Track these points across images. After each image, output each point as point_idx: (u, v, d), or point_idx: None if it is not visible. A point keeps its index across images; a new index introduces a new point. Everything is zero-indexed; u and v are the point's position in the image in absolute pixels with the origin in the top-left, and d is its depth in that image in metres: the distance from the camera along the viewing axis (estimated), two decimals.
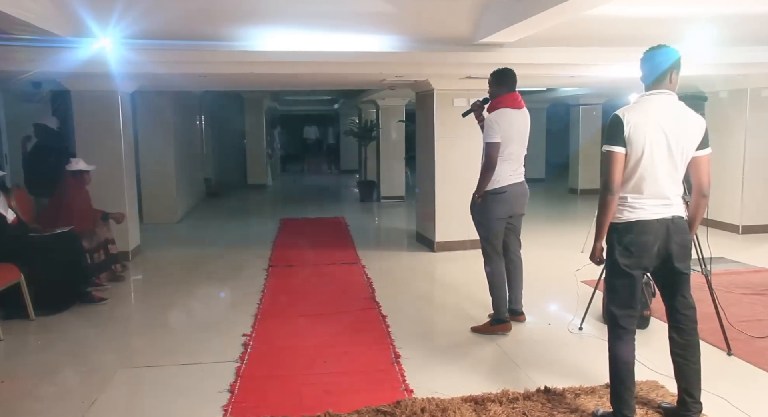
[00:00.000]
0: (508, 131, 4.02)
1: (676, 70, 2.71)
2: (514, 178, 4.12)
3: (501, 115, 4.05)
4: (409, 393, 3.25)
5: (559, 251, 6.72)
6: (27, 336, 4.34)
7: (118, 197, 6.40)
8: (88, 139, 6.33)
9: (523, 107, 4.16)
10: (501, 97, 4.11)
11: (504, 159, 4.05)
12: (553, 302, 4.94)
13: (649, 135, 2.63)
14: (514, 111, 4.09)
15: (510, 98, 4.10)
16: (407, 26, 4.73)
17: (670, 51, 2.71)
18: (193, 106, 11.17)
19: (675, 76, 2.71)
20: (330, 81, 8.19)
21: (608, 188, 2.67)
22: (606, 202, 2.70)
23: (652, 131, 2.64)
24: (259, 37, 4.77)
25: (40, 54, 4.62)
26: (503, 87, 4.13)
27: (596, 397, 3.12)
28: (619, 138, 2.65)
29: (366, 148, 12.12)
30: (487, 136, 4.04)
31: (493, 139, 4.00)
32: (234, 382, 3.40)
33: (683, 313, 2.81)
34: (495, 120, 4.03)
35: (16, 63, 5.00)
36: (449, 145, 6.76)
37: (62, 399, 3.26)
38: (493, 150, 4.01)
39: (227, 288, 5.56)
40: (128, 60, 4.79)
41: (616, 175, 2.66)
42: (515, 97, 4.12)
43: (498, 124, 4.01)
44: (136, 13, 3.92)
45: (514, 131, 4.05)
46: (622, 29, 4.58)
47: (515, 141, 4.07)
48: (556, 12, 3.37)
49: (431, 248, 6.95)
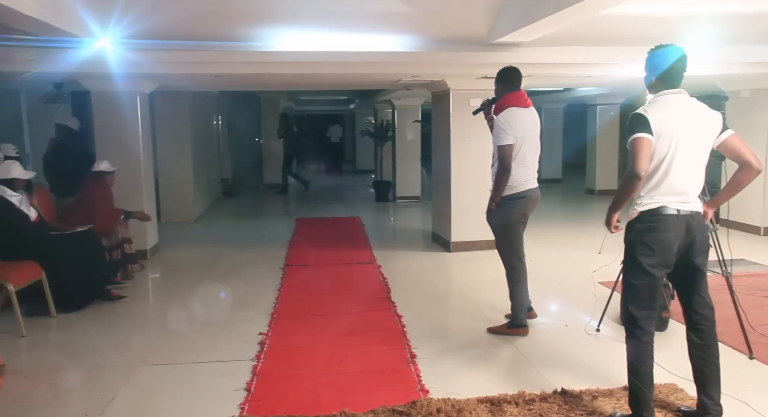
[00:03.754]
0: (519, 132, 3.92)
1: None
2: (530, 183, 4.03)
3: (510, 114, 3.94)
4: (424, 393, 3.25)
5: (576, 252, 6.67)
6: (48, 333, 4.41)
7: (136, 196, 6.48)
8: (108, 140, 6.41)
9: (530, 106, 4.06)
10: (507, 96, 4.02)
11: (518, 162, 3.94)
12: (570, 303, 4.91)
13: (675, 130, 2.62)
14: (523, 109, 3.99)
15: (516, 97, 4.01)
16: (423, 26, 4.72)
17: (680, 49, 2.72)
18: (210, 106, 11.26)
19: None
20: (346, 81, 8.21)
21: (635, 173, 2.59)
22: (631, 187, 2.63)
23: (676, 127, 2.63)
24: (275, 38, 4.80)
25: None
26: (509, 86, 4.05)
27: (614, 399, 3.10)
28: (647, 128, 2.61)
29: (382, 148, 12.13)
30: (499, 139, 3.92)
31: (506, 142, 3.88)
32: (250, 381, 3.42)
33: (700, 313, 2.78)
34: (505, 121, 3.91)
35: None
36: (465, 145, 6.74)
37: (82, 395, 3.31)
38: (507, 152, 3.89)
39: (243, 287, 5.59)
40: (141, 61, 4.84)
41: (644, 159, 2.60)
42: (521, 96, 4.03)
43: (510, 125, 3.89)
44: (144, 12, 3.94)
45: (525, 131, 3.96)
46: (639, 28, 4.53)
47: (527, 141, 3.98)
48: (574, 11, 3.35)
49: (447, 248, 6.94)
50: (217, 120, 12.18)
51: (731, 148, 2.72)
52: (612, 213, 2.81)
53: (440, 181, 7.29)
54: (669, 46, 2.74)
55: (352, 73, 6.17)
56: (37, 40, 4.04)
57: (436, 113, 7.54)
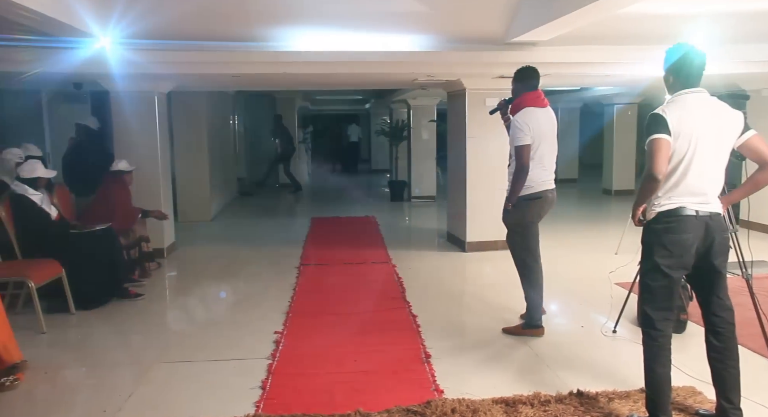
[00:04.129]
0: (536, 132, 3.89)
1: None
2: (547, 183, 4.01)
3: (527, 114, 3.92)
4: (439, 393, 3.24)
5: (592, 253, 6.61)
6: (68, 329, 4.47)
7: (154, 196, 6.54)
8: (126, 139, 6.49)
9: (547, 106, 4.04)
10: (524, 95, 4.00)
11: (536, 162, 3.91)
12: (586, 304, 4.86)
13: (694, 130, 2.59)
14: (540, 109, 3.97)
15: (533, 97, 3.99)
16: (439, 26, 4.71)
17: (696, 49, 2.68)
18: (226, 106, 11.35)
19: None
20: (362, 81, 8.22)
21: (653, 175, 2.57)
22: (650, 188, 2.61)
23: (695, 126, 2.60)
24: (291, 38, 4.82)
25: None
26: (526, 85, 4.03)
27: (631, 401, 3.07)
28: (665, 129, 2.58)
29: (397, 148, 12.13)
30: (516, 139, 3.89)
31: (524, 142, 3.86)
32: (265, 379, 3.44)
33: (720, 315, 2.74)
34: (523, 121, 3.89)
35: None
36: (481, 145, 6.72)
37: (101, 391, 3.36)
38: (525, 153, 3.86)
39: (259, 285, 5.63)
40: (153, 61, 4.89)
41: (662, 161, 2.57)
42: (538, 95, 4.01)
43: (527, 125, 3.86)
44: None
45: (542, 131, 3.93)
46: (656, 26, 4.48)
47: (544, 141, 3.95)
48: (590, 10, 3.32)
49: (462, 248, 6.92)
50: (234, 120, 12.27)
51: (753, 148, 2.68)
52: (636, 209, 2.77)
53: (455, 180, 7.27)
54: (687, 44, 2.71)
55: (368, 72, 6.18)
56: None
57: (452, 113, 7.53)
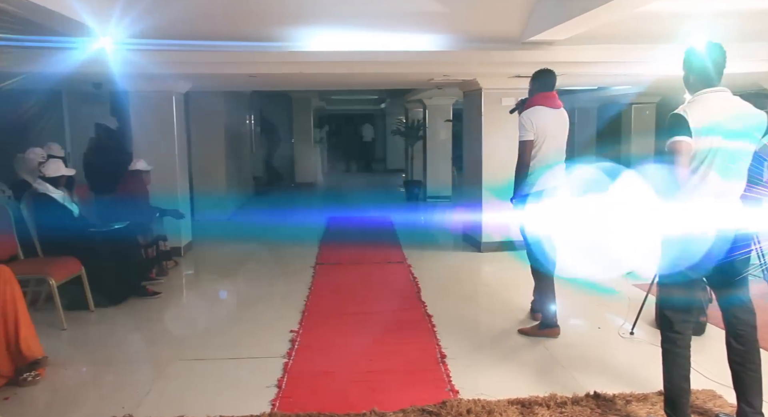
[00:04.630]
0: (541, 129, 4.01)
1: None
2: (551, 181, 4.06)
3: (533, 112, 4.05)
4: (454, 393, 3.24)
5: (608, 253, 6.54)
6: (87, 326, 4.54)
7: (171, 194, 6.61)
8: (145, 139, 6.56)
9: (560, 107, 4.15)
10: (537, 95, 4.13)
11: (539, 159, 4.04)
12: (603, 306, 4.82)
13: (716, 130, 2.55)
14: (549, 110, 4.07)
15: (545, 97, 4.10)
16: (456, 25, 4.70)
17: (718, 45, 2.64)
18: (242, 105, 11.42)
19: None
20: (378, 81, 8.22)
21: (675, 180, 2.54)
22: (675, 197, 2.59)
23: (716, 127, 2.55)
24: (307, 38, 4.83)
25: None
26: (541, 85, 4.15)
27: (648, 404, 3.04)
28: (686, 130, 2.54)
29: (413, 148, 12.11)
30: (519, 135, 4.05)
31: (525, 138, 4.02)
32: (281, 378, 3.46)
33: (741, 318, 2.70)
34: (527, 118, 4.04)
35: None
36: (497, 145, 6.68)
37: (120, 388, 3.40)
38: (525, 148, 4.02)
39: (275, 284, 5.66)
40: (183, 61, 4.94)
41: (684, 165, 2.55)
42: (551, 96, 4.13)
43: (530, 122, 4.00)
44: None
45: (548, 130, 4.04)
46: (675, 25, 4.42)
47: (549, 140, 4.05)
48: (609, 8, 3.29)
49: (478, 249, 6.89)
50: (250, 119, 12.34)
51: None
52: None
53: (471, 180, 7.25)
54: (706, 42, 2.66)
55: (384, 72, 6.18)
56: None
57: (468, 112, 7.50)
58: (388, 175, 17.48)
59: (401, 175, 14.87)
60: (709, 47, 2.65)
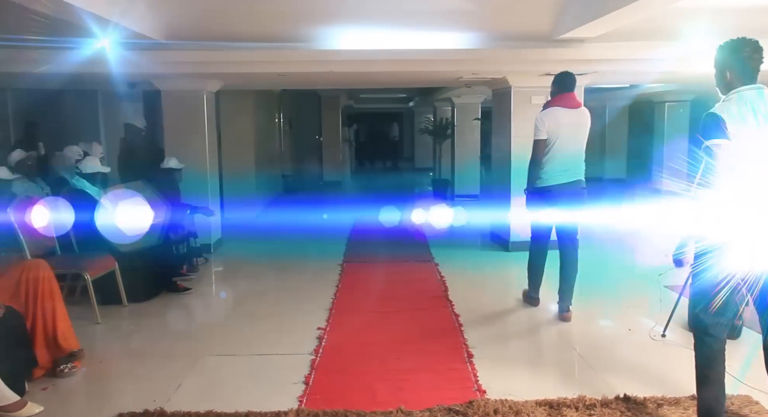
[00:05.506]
0: (553, 129, 4.21)
1: None
2: (564, 177, 4.26)
3: (548, 113, 4.27)
4: (481, 393, 3.22)
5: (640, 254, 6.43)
6: (121, 321, 4.64)
7: (201, 192, 6.71)
8: (176, 137, 6.68)
9: (578, 107, 4.31)
10: (555, 97, 4.33)
11: (551, 157, 4.24)
12: (634, 307, 4.74)
13: (755, 130, 2.47)
14: (565, 110, 4.25)
15: (562, 98, 4.28)
16: (486, 23, 4.67)
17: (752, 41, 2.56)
18: (272, 104, 11.53)
19: None
20: (406, 79, 8.22)
21: (714, 184, 2.47)
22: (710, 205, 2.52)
23: (754, 126, 2.48)
24: (337, 37, 4.86)
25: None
26: (559, 87, 4.34)
27: (681, 408, 2.98)
28: (722, 132, 2.46)
29: (441, 146, 12.07)
30: (533, 134, 4.29)
31: (537, 137, 4.26)
32: (308, 374, 3.49)
33: None
34: (541, 118, 4.26)
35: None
36: (526, 144, 6.58)
37: (151, 381, 3.47)
38: (537, 147, 4.27)
39: (303, 282, 5.71)
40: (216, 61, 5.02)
41: (722, 170, 2.47)
42: (569, 97, 4.28)
43: (543, 122, 4.23)
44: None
45: (561, 129, 4.21)
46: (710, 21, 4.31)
47: (562, 139, 4.21)
48: (644, 5, 3.23)
49: (506, 248, 6.84)
50: (279, 118, 12.45)
51: None
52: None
53: (499, 179, 7.19)
54: (740, 38, 2.59)
55: (413, 70, 6.17)
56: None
57: (497, 111, 7.44)
58: (416, 174, 17.45)
59: (429, 173, 14.83)
60: (743, 43, 2.56)
